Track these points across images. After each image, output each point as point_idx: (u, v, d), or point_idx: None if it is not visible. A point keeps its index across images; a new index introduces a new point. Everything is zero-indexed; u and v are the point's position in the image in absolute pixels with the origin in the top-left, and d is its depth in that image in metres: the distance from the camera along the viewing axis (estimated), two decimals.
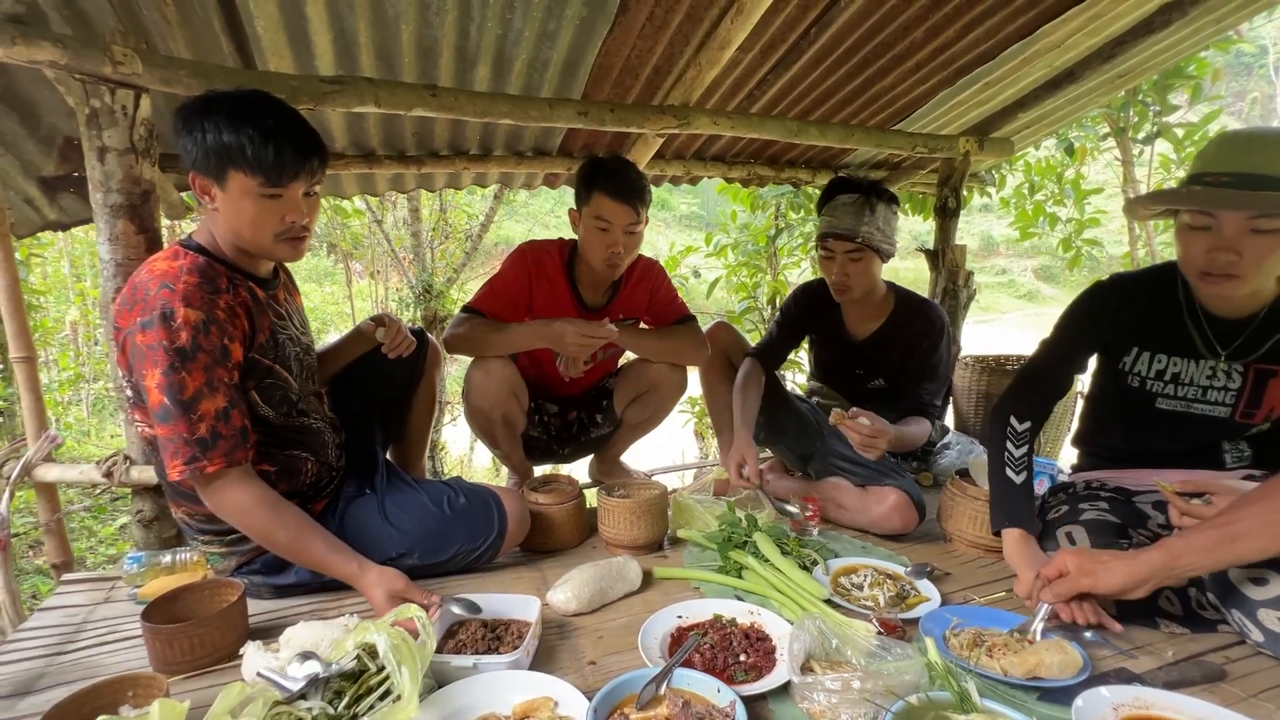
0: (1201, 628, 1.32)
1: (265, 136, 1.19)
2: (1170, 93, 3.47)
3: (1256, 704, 1.10)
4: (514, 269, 1.96)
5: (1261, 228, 1.21)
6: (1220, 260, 1.25)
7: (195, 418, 1.19)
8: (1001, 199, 4.49)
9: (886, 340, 1.99)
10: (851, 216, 1.82)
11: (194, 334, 1.18)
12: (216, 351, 1.21)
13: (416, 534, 1.50)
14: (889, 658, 1.13)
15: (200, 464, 1.19)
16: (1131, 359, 1.49)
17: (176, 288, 1.19)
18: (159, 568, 1.50)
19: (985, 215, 17.01)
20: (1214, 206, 1.25)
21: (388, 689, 1.01)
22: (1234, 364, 1.39)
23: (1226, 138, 1.29)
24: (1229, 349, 1.38)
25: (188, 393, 1.18)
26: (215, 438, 1.20)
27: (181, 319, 1.17)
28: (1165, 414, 1.46)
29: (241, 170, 1.20)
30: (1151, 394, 1.47)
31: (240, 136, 1.18)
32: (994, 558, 1.68)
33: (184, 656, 1.17)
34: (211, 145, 1.19)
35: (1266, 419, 1.38)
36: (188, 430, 1.19)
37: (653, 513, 1.70)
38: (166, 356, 1.17)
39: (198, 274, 1.23)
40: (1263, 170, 1.20)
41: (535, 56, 1.93)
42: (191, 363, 1.18)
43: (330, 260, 10.71)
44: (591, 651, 1.27)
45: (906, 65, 2.28)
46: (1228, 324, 1.39)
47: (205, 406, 1.20)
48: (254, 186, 1.21)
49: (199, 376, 1.19)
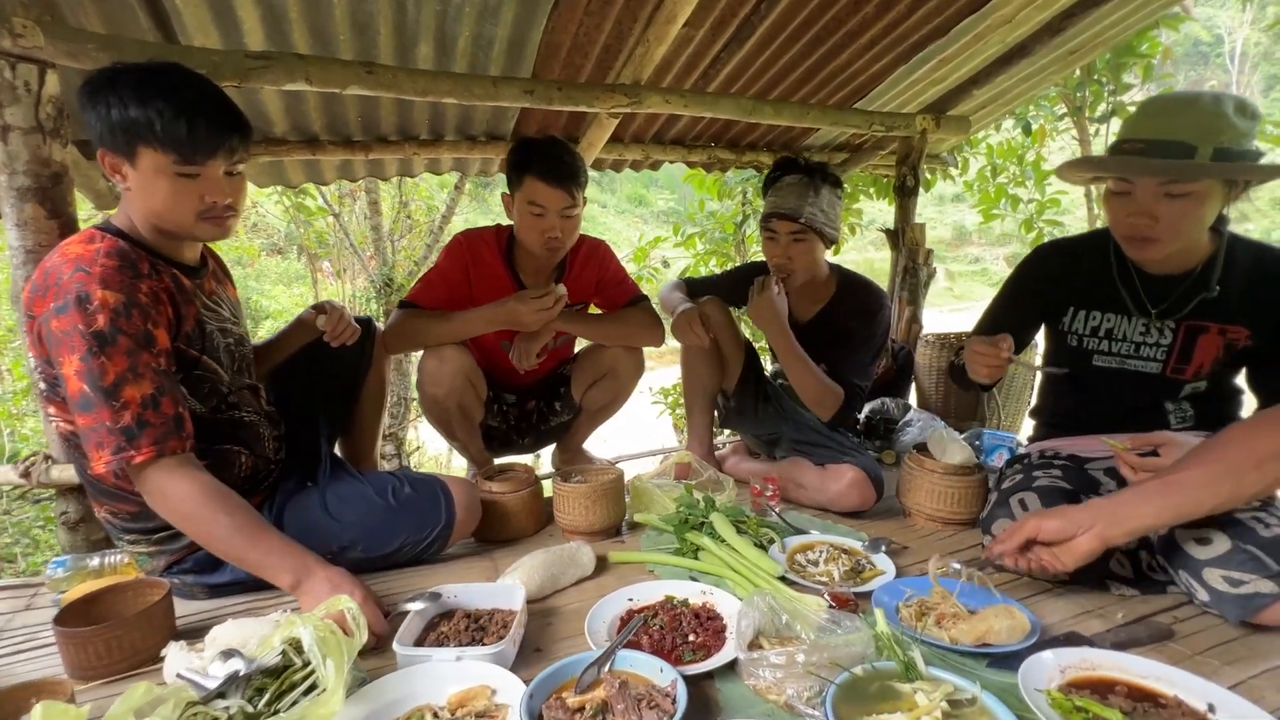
0: (1151, 589, 1.32)
1: (177, 111, 1.12)
2: (1123, 71, 3.52)
3: (1202, 660, 1.10)
4: (450, 260, 1.90)
5: (1174, 192, 1.24)
6: (1138, 224, 1.29)
7: (118, 405, 1.11)
8: (965, 182, 4.53)
9: (827, 322, 1.96)
10: (796, 197, 1.80)
11: (113, 317, 1.10)
12: (139, 335, 1.14)
13: (360, 526, 1.44)
14: (839, 631, 1.10)
15: (127, 454, 1.11)
16: (1069, 318, 1.52)
17: (93, 270, 1.12)
18: (86, 571, 1.43)
19: (958, 205, 17.23)
20: (1121, 173, 1.29)
21: (314, 684, 0.97)
22: (1165, 321, 1.41)
23: (1146, 104, 1.32)
24: (1160, 307, 1.41)
25: (109, 378, 1.11)
26: (142, 425, 1.12)
27: (99, 301, 1.09)
28: (1102, 371, 1.48)
29: (152, 147, 1.13)
30: (1088, 351, 1.50)
31: (149, 111, 1.11)
32: (951, 530, 1.67)
33: (100, 661, 1.10)
34: (118, 121, 1.11)
35: (1196, 374, 1.40)
36: (111, 418, 1.11)
37: (609, 497, 1.67)
38: (84, 341, 1.09)
39: (116, 257, 1.16)
40: (1173, 136, 1.22)
41: (479, 34, 1.87)
42: (111, 347, 1.10)
43: (301, 262, 10.52)
44: (539, 639, 1.22)
45: (860, 41, 2.26)
46: (1160, 281, 1.41)
47: (129, 393, 1.12)
48: (167, 164, 1.14)
49: (121, 361, 1.11)
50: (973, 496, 1.65)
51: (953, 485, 1.65)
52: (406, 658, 1.09)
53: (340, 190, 4.93)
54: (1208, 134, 1.21)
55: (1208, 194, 1.25)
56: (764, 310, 1.82)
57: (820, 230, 1.82)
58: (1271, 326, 1.35)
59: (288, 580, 1.21)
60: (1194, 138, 1.21)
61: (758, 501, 1.75)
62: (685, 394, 2.12)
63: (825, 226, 1.82)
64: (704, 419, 2.11)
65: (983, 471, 1.70)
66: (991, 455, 2.09)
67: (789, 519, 1.71)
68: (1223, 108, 1.22)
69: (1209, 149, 1.20)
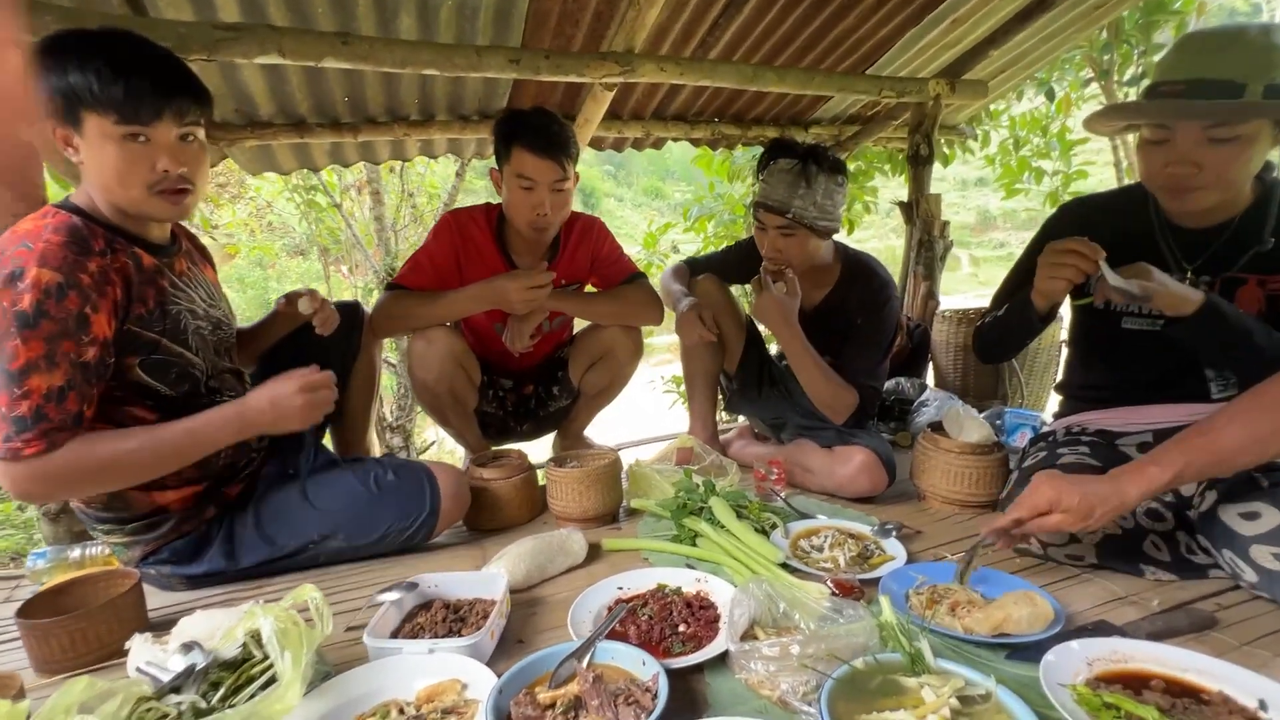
0: (1191, 574, 1.21)
1: (115, 70, 1.05)
2: (1155, 31, 3.32)
3: (1250, 652, 0.99)
4: (439, 240, 1.82)
5: (1219, 136, 1.12)
6: (1179, 173, 1.16)
7: (19, 392, 1.03)
8: (986, 157, 4.35)
9: (833, 310, 1.80)
10: (785, 187, 1.63)
11: (41, 298, 1.03)
12: (69, 321, 1.06)
13: (341, 514, 1.39)
14: (841, 620, 1.01)
15: (13, 444, 1.03)
16: (1096, 278, 1.38)
17: (35, 246, 1.05)
18: (67, 563, 1.39)
19: (981, 189, 16.74)
20: (1161, 119, 1.16)
21: (273, 677, 0.91)
22: (1201, 277, 1.28)
23: (1183, 41, 1.18)
24: (1196, 262, 1.28)
25: (18, 363, 1.03)
26: (38, 418, 1.04)
27: (30, 280, 1.03)
28: (1134, 334, 1.36)
29: (94, 110, 1.07)
30: (1117, 314, 1.37)
31: (88, 73, 1.05)
32: (969, 513, 1.56)
33: (64, 654, 1.06)
34: (59, 86, 1.06)
35: None
36: (6, 404, 1.03)
37: (603, 483, 1.59)
38: (4, 320, 1.03)
39: (65, 233, 1.09)
40: (1217, 75, 1.10)
41: (463, 2, 1.79)
42: (30, 330, 1.03)
43: (321, 264, 10.64)
44: (522, 630, 1.15)
45: (867, 3, 2.14)
46: (1196, 235, 1.29)
47: (35, 381, 1.04)
48: (109, 126, 1.08)
49: (37, 347, 1.04)
50: (992, 477, 1.54)
51: (970, 465, 1.54)
52: (377, 650, 1.03)
53: (343, 183, 4.91)
54: (1258, 70, 1.07)
55: (1257, 136, 1.12)
56: (769, 310, 1.67)
57: (811, 225, 1.64)
58: None
59: (231, 434, 1.21)
60: (1242, 74, 1.08)
61: (762, 486, 1.66)
62: (685, 377, 2.04)
63: (818, 220, 1.64)
64: (705, 402, 2.02)
65: (1003, 450, 1.58)
66: (1014, 435, 1.97)
67: (795, 504, 1.61)
68: (1275, 39, 1.09)
69: (1260, 86, 1.07)
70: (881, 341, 1.76)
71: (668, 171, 19.33)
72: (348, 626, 1.19)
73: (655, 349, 8.40)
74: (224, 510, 1.36)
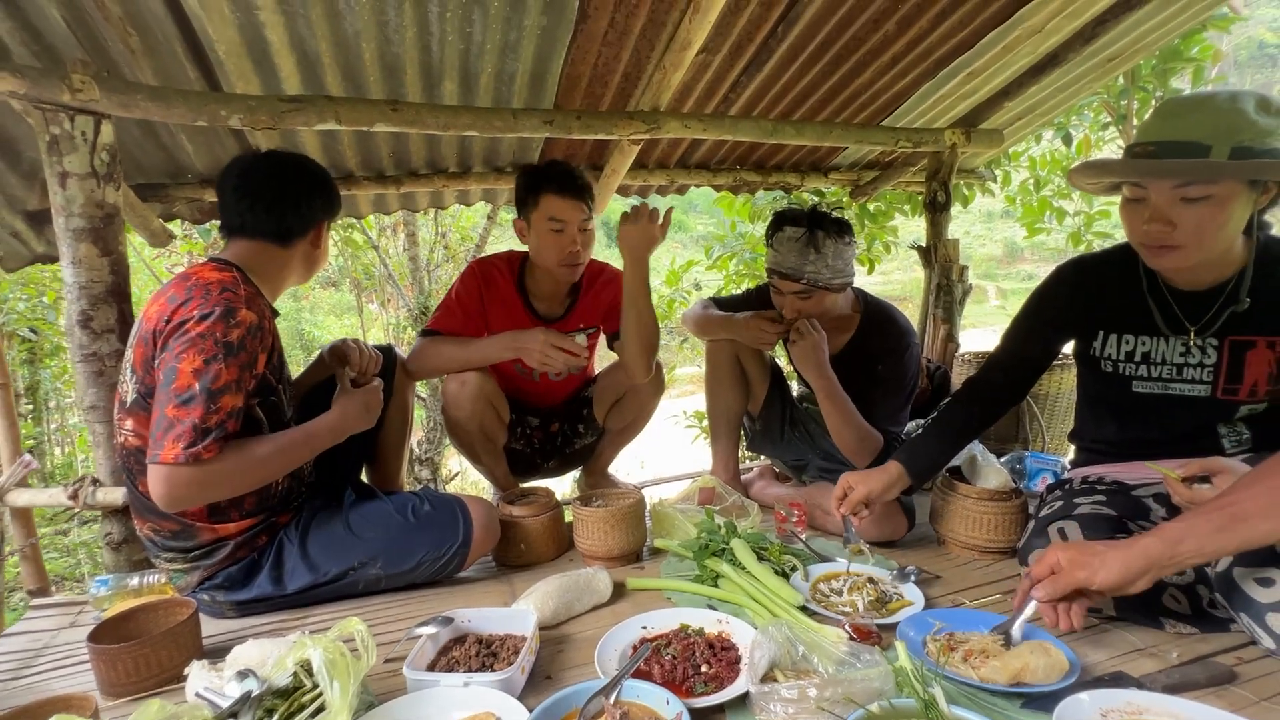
0: (1212, 627, 1.21)
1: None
2: (1171, 77, 3.36)
3: (1269, 708, 0.99)
4: (466, 286, 1.95)
5: (1191, 195, 1.16)
6: (1153, 231, 1.21)
7: (214, 408, 1.24)
8: (1007, 196, 4.39)
9: (854, 357, 1.86)
10: (795, 255, 1.71)
11: (245, 335, 1.28)
12: (251, 357, 1.30)
13: (379, 541, 1.47)
14: (858, 665, 1.05)
15: (196, 450, 1.22)
16: (1100, 343, 1.42)
17: (239, 292, 1.31)
18: (126, 590, 1.48)
19: (1007, 222, 16.63)
20: (1130, 176, 1.22)
21: (321, 705, 0.97)
22: (1208, 339, 1.31)
23: (1162, 105, 1.25)
24: (1199, 323, 1.31)
25: (220, 383, 1.24)
26: (221, 429, 1.25)
27: (240, 318, 1.27)
28: (1145, 398, 1.38)
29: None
30: (1126, 378, 1.39)
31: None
32: (989, 559, 1.58)
33: (129, 678, 1.14)
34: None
35: (1252, 394, 1.28)
36: (201, 417, 1.23)
37: (628, 522, 1.65)
38: (215, 347, 1.25)
39: (251, 286, 1.37)
40: (1185, 136, 1.15)
41: (501, 69, 1.93)
42: (233, 358, 1.26)
43: (351, 295, 11.04)
44: (550, 666, 1.21)
45: (883, 59, 2.24)
46: (1194, 296, 1.32)
47: (227, 401, 1.26)
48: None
49: (233, 373, 1.26)
50: (1010, 523, 1.56)
51: (988, 511, 1.57)
52: (415, 682, 1.09)
53: (380, 224, 5.14)
54: (1223, 132, 1.13)
55: (1230, 197, 1.16)
56: (807, 354, 1.73)
57: (826, 286, 1.72)
58: None
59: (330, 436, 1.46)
60: (1207, 136, 1.14)
61: (782, 528, 1.70)
62: (709, 417, 2.10)
63: (832, 280, 1.73)
64: (728, 442, 2.07)
65: (1021, 496, 1.61)
66: (1035, 480, 1.98)
67: (815, 546, 1.65)
68: (1240, 104, 1.15)
69: (1225, 148, 1.12)
70: (903, 389, 1.81)
71: (690, 205, 19.61)
72: (386, 658, 1.25)
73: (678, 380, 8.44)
74: (274, 538, 1.46)
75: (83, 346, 1.49)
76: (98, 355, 1.51)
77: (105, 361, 1.51)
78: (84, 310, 1.48)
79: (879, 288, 9.02)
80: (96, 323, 1.49)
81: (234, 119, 1.59)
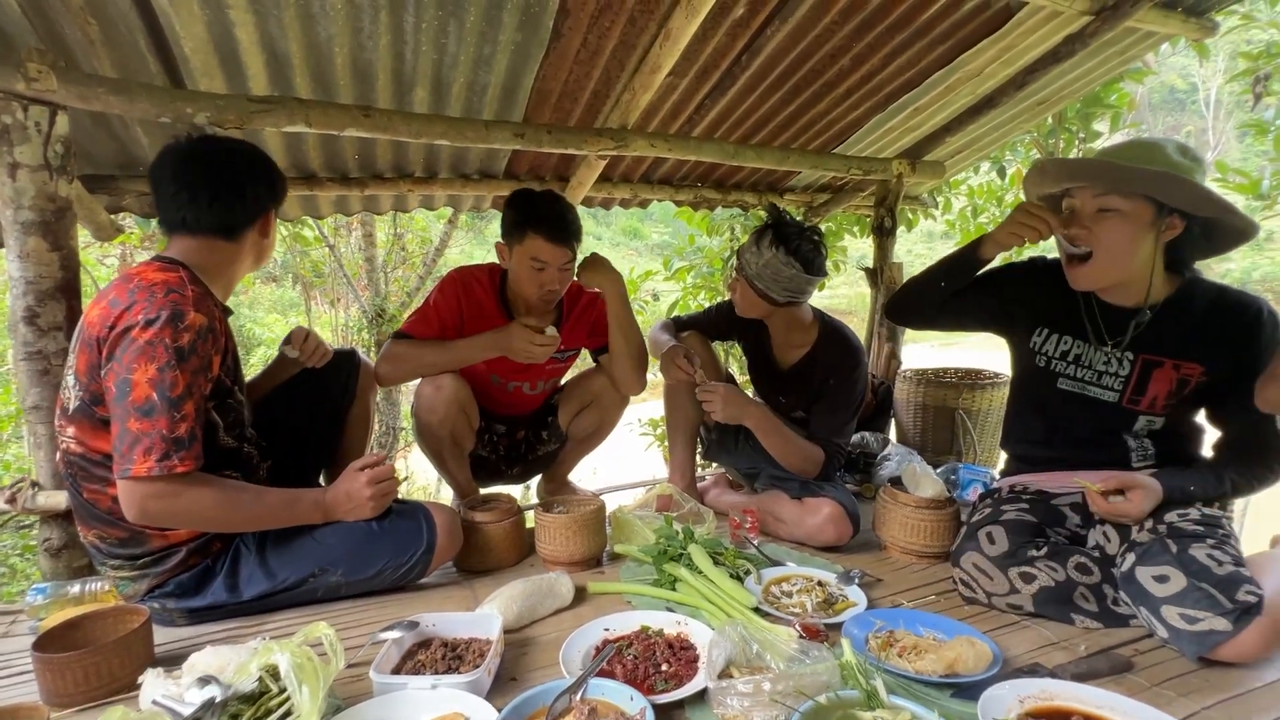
0: (1114, 622, 1.36)
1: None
2: (1093, 120, 3.68)
3: (1158, 693, 1.13)
4: (445, 296, 1.94)
5: (1107, 206, 1.36)
6: (1073, 234, 1.40)
7: (179, 416, 1.21)
8: (947, 221, 4.68)
9: (808, 370, 1.98)
10: (750, 241, 1.87)
11: (195, 338, 1.23)
12: (204, 360, 1.26)
13: (340, 549, 1.46)
14: (808, 661, 1.13)
15: (170, 463, 1.20)
16: (1040, 338, 1.59)
17: (186, 294, 1.25)
18: (66, 599, 1.43)
19: (946, 243, 17.30)
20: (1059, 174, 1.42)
21: (288, 710, 0.98)
22: (1125, 353, 1.48)
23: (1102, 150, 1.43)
24: (1117, 338, 1.48)
25: (178, 390, 1.21)
26: (191, 440, 1.23)
27: (189, 322, 1.22)
28: (1064, 395, 1.54)
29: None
30: (1054, 373, 1.56)
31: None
32: (925, 563, 1.70)
33: (77, 688, 1.11)
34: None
35: (1150, 407, 1.46)
36: (168, 427, 1.19)
37: (590, 528, 1.69)
38: (166, 354, 1.20)
39: (199, 286, 1.30)
40: (1113, 159, 1.36)
41: (473, 80, 1.96)
42: (185, 364, 1.22)
43: (295, 291, 10.58)
44: (515, 668, 1.24)
45: (838, 91, 2.38)
46: (1119, 313, 1.49)
47: (188, 408, 1.22)
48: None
49: (187, 378, 1.22)
50: (944, 530, 1.69)
51: (925, 519, 1.69)
52: (382, 685, 1.10)
53: (336, 222, 5.02)
54: (1145, 161, 1.33)
55: (1137, 216, 1.35)
56: (722, 410, 1.84)
57: (749, 279, 1.86)
58: (1224, 364, 1.41)
59: (315, 516, 1.43)
60: (1133, 160, 1.33)
61: (736, 534, 1.78)
62: (668, 427, 2.17)
63: (755, 279, 1.85)
64: (686, 452, 2.15)
65: (954, 505, 1.74)
66: (967, 489, 2.13)
67: (767, 551, 1.74)
68: (1160, 144, 1.35)
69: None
70: (850, 404, 1.94)
71: (646, 214, 19.80)
72: (349, 663, 1.26)
73: None
74: (229, 544, 1.43)
75: (27, 344, 1.43)
76: (43, 353, 1.45)
77: (50, 360, 1.46)
78: (30, 306, 1.42)
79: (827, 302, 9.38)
80: (43, 319, 1.44)
81: (200, 117, 1.56)
